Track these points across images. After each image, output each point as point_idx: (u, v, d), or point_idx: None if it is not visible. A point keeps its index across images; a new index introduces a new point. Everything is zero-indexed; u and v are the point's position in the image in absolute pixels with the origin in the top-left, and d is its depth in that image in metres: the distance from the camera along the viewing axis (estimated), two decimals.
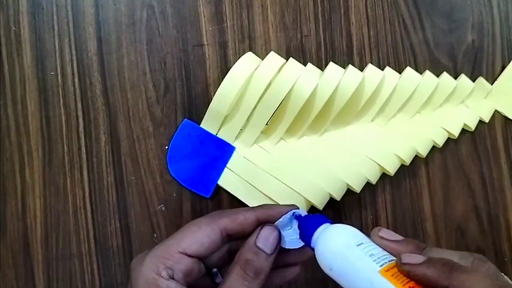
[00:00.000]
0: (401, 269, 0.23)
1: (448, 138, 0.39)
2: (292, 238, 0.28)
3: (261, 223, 0.28)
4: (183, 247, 0.27)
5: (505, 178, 0.40)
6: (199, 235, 0.27)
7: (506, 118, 0.40)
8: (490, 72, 0.40)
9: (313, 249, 0.26)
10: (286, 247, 0.28)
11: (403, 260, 0.23)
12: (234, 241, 0.29)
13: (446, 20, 0.40)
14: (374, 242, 0.25)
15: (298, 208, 0.29)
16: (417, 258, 0.23)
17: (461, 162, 0.40)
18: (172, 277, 0.26)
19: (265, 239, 0.27)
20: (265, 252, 0.27)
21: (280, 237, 0.28)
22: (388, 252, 0.25)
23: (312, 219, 0.27)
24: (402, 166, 0.38)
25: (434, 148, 0.39)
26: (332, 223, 0.27)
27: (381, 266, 0.23)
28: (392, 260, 0.24)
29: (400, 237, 0.26)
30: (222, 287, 0.26)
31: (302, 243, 0.28)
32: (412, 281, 0.23)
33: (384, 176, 0.38)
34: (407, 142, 0.37)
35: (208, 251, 0.27)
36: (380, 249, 0.25)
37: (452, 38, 0.40)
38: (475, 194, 0.39)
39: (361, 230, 0.38)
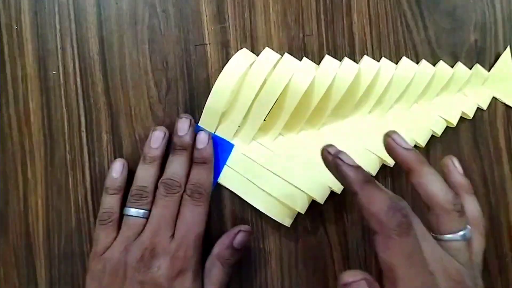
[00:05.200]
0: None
1: (449, 132, 0.39)
2: None
3: None
4: None
5: (507, 178, 0.40)
6: None
7: (507, 108, 0.40)
8: None
9: None
10: None
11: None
12: None
13: (449, 20, 0.40)
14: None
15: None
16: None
17: (461, 161, 0.39)
18: None
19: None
20: None
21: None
22: None
23: None
24: None
25: (435, 146, 0.39)
26: None
27: None
28: None
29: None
30: None
31: None
32: None
33: (384, 169, 0.38)
34: (406, 133, 0.37)
35: None
36: None
37: (455, 38, 0.40)
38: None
39: (362, 223, 0.38)
